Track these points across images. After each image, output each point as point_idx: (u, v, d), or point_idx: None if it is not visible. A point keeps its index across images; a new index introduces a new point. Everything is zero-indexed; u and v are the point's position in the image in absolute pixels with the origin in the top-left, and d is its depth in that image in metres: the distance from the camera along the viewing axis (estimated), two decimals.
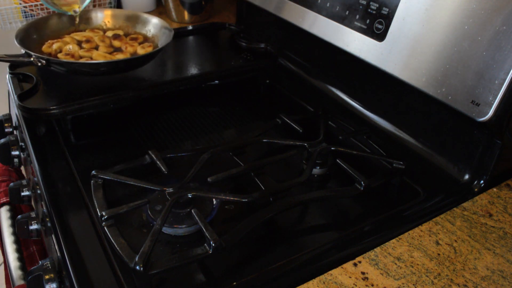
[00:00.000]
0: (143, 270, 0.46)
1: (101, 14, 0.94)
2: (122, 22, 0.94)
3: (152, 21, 0.92)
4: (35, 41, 0.85)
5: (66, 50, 0.82)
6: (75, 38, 0.86)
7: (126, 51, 0.83)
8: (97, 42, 0.85)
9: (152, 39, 0.89)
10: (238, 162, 0.67)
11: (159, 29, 0.90)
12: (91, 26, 0.94)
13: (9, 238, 0.70)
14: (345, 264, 0.50)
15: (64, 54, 0.80)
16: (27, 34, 0.84)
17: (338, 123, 0.77)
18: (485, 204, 0.60)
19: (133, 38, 0.88)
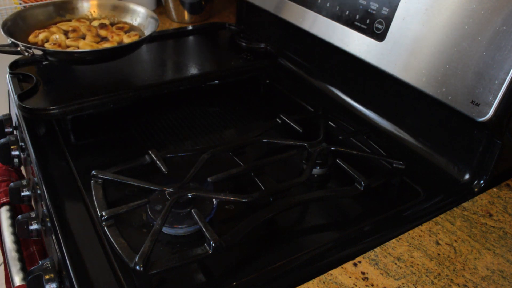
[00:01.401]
0: (143, 270, 0.46)
1: (87, 3, 0.94)
2: (108, 12, 0.94)
3: (138, 10, 0.92)
4: (22, 31, 0.85)
5: (53, 40, 0.82)
6: (62, 28, 0.86)
7: (113, 40, 0.83)
8: (84, 32, 0.85)
9: (138, 28, 0.90)
10: (238, 162, 0.67)
11: (145, 18, 0.91)
12: (77, 16, 0.94)
13: (9, 238, 0.70)
14: (345, 264, 0.50)
15: (51, 43, 0.80)
16: (13, 24, 0.84)
17: (338, 123, 0.77)
18: (485, 204, 0.60)
19: (119, 28, 0.88)
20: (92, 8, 0.94)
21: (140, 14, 0.92)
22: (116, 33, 0.85)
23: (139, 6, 0.92)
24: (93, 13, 0.94)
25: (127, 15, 0.93)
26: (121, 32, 0.86)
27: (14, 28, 0.83)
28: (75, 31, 0.85)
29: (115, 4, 0.95)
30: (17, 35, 0.81)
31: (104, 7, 0.95)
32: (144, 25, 0.90)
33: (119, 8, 0.94)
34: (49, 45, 0.80)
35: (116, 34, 0.85)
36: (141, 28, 0.90)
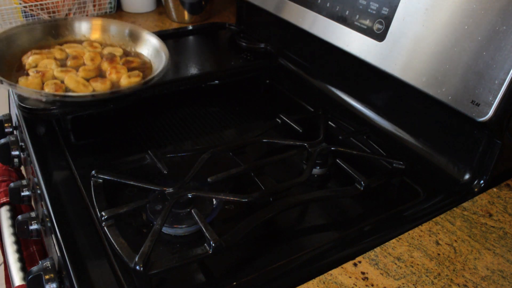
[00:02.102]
0: (143, 270, 0.46)
1: (100, 25, 0.85)
2: (125, 38, 0.84)
3: (149, 41, 0.81)
4: (20, 46, 0.77)
5: (42, 66, 0.71)
6: (65, 50, 0.77)
7: (108, 78, 0.71)
8: (86, 61, 0.75)
9: (149, 65, 0.78)
10: (238, 162, 0.67)
11: (155, 52, 0.79)
12: (91, 38, 0.85)
13: (9, 238, 0.70)
14: (345, 264, 0.50)
15: (33, 72, 0.69)
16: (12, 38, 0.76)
17: (338, 123, 0.77)
18: (485, 204, 0.60)
19: (128, 61, 0.77)
20: (107, 32, 0.83)
21: (152, 46, 0.80)
22: (118, 69, 0.72)
23: (152, 36, 0.81)
24: (110, 37, 0.84)
25: (142, 44, 0.81)
26: (123, 69, 0.73)
27: (10, 43, 0.75)
28: (75, 58, 0.75)
29: (132, 30, 0.83)
30: (14, 50, 0.75)
31: (121, 33, 0.83)
32: (155, 62, 0.78)
33: (134, 35, 0.83)
34: (32, 72, 0.68)
35: (116, 70, 0.72)
36: (152, 65, 0.77)
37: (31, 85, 0.65)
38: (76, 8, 1.16)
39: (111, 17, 1.19)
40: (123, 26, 0.83)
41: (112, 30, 0.83)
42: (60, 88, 0.64)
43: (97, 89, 0.64)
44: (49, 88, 0.63)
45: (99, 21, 0.84)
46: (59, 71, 0.70)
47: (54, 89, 0.63)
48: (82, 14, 1.17)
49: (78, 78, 0.68)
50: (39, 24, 0.80)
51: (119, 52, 0.79)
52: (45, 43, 0.79)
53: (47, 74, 0.69)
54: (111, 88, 0.66)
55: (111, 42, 0.81)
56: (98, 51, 0.78)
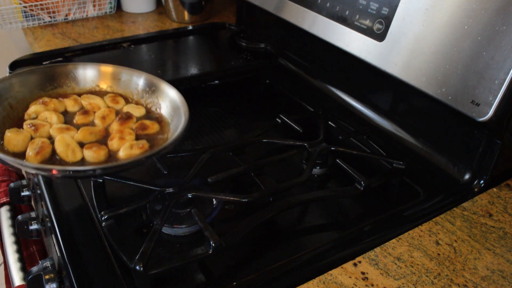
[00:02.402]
0: (143, 270, 0.46)
1: (134, 77, 0.69)
2: (149, 93, 0.68)
3: (168, 95, 0.65)
4: (38, 87, 0.66)
5: (42, 118, 0.61)
6: (80, 101, 0.65)
7: (109, 143, 0.58)
8: (95, 118, 0.62)
9: (166, 125, 0.63)
10: (238, 162, 0.67)
11: (173, 110, 0.64)
12: (121, 90, 0.69)
13: (9, 238, 0.70)
14: (345, 264, 0.50)
15: (28, 125, 0.58)
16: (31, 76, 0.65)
17: (338, 123, 0.77)
18: (485, 204, 0.60)
19: (143, 126, 0.61)
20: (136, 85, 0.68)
21: (171, 101, 0.65)
22: (124, 134, 0.59)
23: (171, 89, 0.65)
24: (138, 92, 0.68)
25: (162, 96, 0.67)
26: (129, 136, 0.59)
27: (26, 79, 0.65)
28: (86, 114, 0.62)
29: (150, 81, 0.68)
30: (31, 88, 0.65)
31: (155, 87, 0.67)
32: (173, 121, 0.63)
33: (152, 85, 0.68)
34: (26, 125, 0.58)
35: (121, 136, 0.58)
36: (169, 124, 0.63)
37: (14, 140, 0.55)
38: (76, 8, 1.16)
39: (111, 17, 1.19)
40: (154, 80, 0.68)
41: (135, 81, 0.69)
42: (43, 150, 0.54)
43: (87, 159, 0.54)
44: (32, 148, 0.54)
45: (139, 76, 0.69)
46: (55, 128, 0.58)
47: (37, 150, 0.53)
48: (82, 14, 1.17)
49: (70, 141, 0.56)
50: (60, 66, 0.69)
51: (141, 112, 0.65)
52: (63, 90, 0.68)
53: (41, 129, 0.58)
54: (106, 158, 0.55)
55: (137, 99, 0.68)
56: (117, 108, 0.65)
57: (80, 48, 0.94)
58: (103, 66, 0.69)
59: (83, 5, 1.16)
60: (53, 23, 1.13)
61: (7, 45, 1.37)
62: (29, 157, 0.54)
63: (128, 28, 1.13)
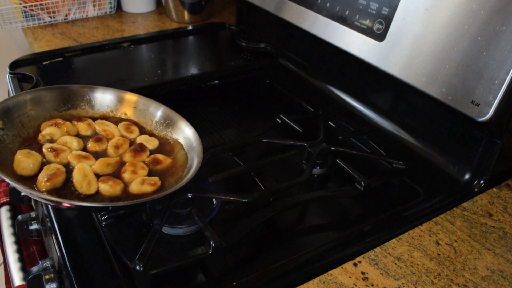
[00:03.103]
0: (143, 270, 0.46)
1: (152, 108, 0.68)
2: (163, 123, 0.67)
3: (184, 132, 0.64)
4: (52, 106, 0.64)
5: (61, 142, 0.59)
6: (96, 127, 0.63)
7: (122, 176, 0.56)
8: (108, 147, 0.60)
9: (177, 168, 0.59)
10: (238, 162, 0.67)
11: (186, 148, 0.62)
12: (135, 118, 0.67)
13: (9, 238, 0.70)
14: (345, 264, 0.50)
15: (48, 149, 0.56)
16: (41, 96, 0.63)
17: (338, 123, 0.77)
18: (485, 204, 0.60)
19: (155, 161, 0.59)
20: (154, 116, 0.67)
21: (183, 137, 0.63)
22: (137, 169, 0.57)
23: (188, 126, 0.63)
24: (153, 122, 0.67)
25: (177, 131, 0.65)
26: (142, 171, 0.57)
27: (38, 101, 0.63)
28: (99, 141, 0.60)
29: (167, 114, 0.66)
30: (46, 108, 0.63)
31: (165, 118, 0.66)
32: (187, 159, 0.60)
33: (168, 119, 0.66)
34: (46, 149, 0.56)
35: (133, 170, 0.56)
36: (184, 164, 0.60)
37: (23, 163, 0.53)
38: (76, 8, 1.16)
39: (111, 17, 1.19)
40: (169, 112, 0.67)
41: (152, 111, 0.67)
42: (55, 177, 0.52)
43: (102, 192, 0.53)
44: (45, 173, 0.52)
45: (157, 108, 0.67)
46: (74, 155, 0.57)
47: (49, 176, 0.52)
48: (82, 14, 1.17)
49: (89, 171, 0.54)
50: (77, 87, 0.67)
51: (154, 145, 0.63)
52: (77, 112, 0.66)
53: (61, 155, 0.56)
54: (121, 193, 0.53)
55: (151, 129, 0.66)
56: (131, 137, 0.63)
57: (80, 48, 0.94)
58: (122, 92, 0.68)
59: (83, 5, 1.16)
60: (53, 23, 1.13)
61: (7, 45, 1.37)
62: (39, 182, 0.52)
63: (128, 28, 1.13)
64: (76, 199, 0.52)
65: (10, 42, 1.37)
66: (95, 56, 0.93)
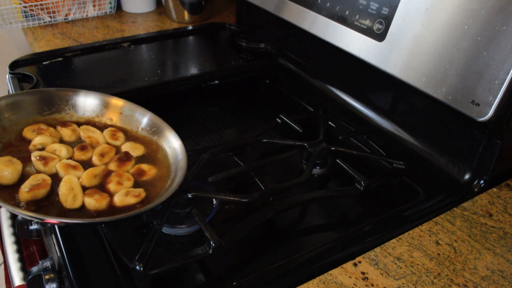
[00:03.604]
0: (143, 270, 0.46)
1: (137, 114, 0.66)
2: (154, 132, 0.65)
3: (170, 142, 0.63)
4: (35, 110, 0.62)
5: (48, 150, 0.57)
6: (81, 133, 0.62)
7: (108, 187, 0.55)
8: (94, 155, 0.59)
9: (162, 178, 0.58)
10: (238, 162, 0.67)
11: (171, 158, 0.61)
12: (121, 123, 0.66)
13: (9, 238, 0.70)
14: (345, 264, 0.50)
15: (36, 156, 0.55)
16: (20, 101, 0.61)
17: (338, 123, 0.77)
18: (485, 204, 0.60)
19: (140, 172, 0.58)
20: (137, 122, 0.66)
21: (169, 147, 0.62)
22: (122, 179, 0.56)
23: (175, 137, 0.62)
24: (138, 128, 0.66)
25: (162, 140, 0.64)
26: (127, 182, 0.56)
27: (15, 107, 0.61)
28: (84, 150, 0.59)
29: (154, 122, 0.65)
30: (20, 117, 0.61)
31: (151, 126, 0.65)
32: (171, 170, 0.59)
33: (154, 126, 0.65)
34: (35, 157, 0.55)
35: (119, 181, 0.55)
36: (168, 174, 0.59)
37: (2, 171, 0.51)
38: (76, 8, 1.16)
39: (111, 17, 1.19)
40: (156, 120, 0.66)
41: (138, 118, 0.66)
42: (39, 188, 0.51)
43: (88, 207, 0.51)
44: (29, 183, 0.51)
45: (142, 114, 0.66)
46: (62, 164, 0.55)
47: (32, 186, 0.51)
48: (82, 14, 1.17)
49: (76, 184, 0.53)
50: (61, 91, 0.66)
51: (140, 152, 0.62)
52: (61, 116, 0.65)
53: (50, 163, 0.55)
54: (106, 208, 0.52)
55: (138, 134, 0.65)
56: (117, 144, 0.62)
57: (80, 48, 0.94)
58: (107, 97, 0.67)
59: (83, 5, 1.16)
60: (53, 23, 1.13)
61: (7, 45, 1.37)
62: (21, 191, 0.50)
63: (128, 28, 1.13)
64: (57, 213, 0.50)
65: (10, 42, 1.37)
66: (95, 56, 0.93)
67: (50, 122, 0.63)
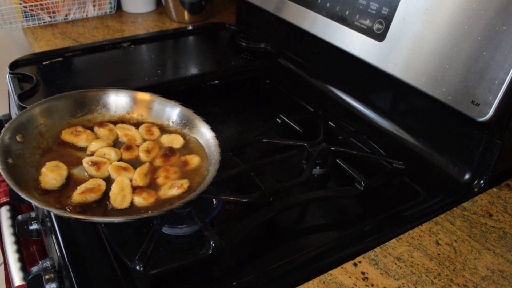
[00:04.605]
0: (143, 270, 0.46)
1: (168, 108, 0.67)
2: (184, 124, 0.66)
3: (202, 133, 0.63)
4: (68, 113, 0.63)
5: (98, 155, 0.58)
6: (118, 132, 0.63)
7: (158, 183, 0.56)
8: (140, 152, 0.60)
9: (202, 166, 0.59)
10: (238, 162, 0.67)
11: (207, 147, 0.62)
12: (152, 119, 0.67)
13: (9, 238, 0.70)
14: (345, 264, 0.50)
15: (88, 162, 0.56)
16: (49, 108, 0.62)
17: (338, 123, 0.77)
18: (485, 204, 0.60)
19: (184, 163, 0.59)
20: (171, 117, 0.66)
21: (200, 138, 0.63)
22: (169, 173, 0.57)
23: (207, 128, 0.63)
24: (166, 125, 0.66)
25: (194, 131, 0.65)
26: (174, 175, 0.57)
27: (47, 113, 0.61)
28: (129, 149, 0.60)
29: (184, 114, 0.66)
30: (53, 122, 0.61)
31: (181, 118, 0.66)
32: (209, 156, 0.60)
33: (184, 118, 0.66)
34: (86, 163, 0.56)
35: (166, 175, 0.56)
36: (207, 161, 0.60)
37: (46, 177, 0.53)
38: (76, 8, 1.16)
39: (111, 17, 1.19)
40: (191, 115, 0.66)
41: (168, 111, 0.67)
42: (93, 191, 0.52)
43: (136, 204, 0.52)
44: (83, 187, 0.52)
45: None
46: (114, 167, 0.56)
47: (86, 190, 0.52)
48: (82, 14, 1.17)
49: (126, 185, 0.54)
50: (91, 91, 0.66)
51: (179, 143, 0.62)
52: (93, 117, 0.65)
53: (103, 168, 0.56)
54: (154, 202, 0.53)
55: (169, 127, 0.66)
56: (153, 139, 0.63)
57: (80, 48, 0.94)
58: (135, 93, 0.67)
59: (83, 5, 1.16)
60: (53, 23, 1.13)
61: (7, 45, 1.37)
62: (75, 194, 0.51)
63: (128, 28, 1.13)
64: (103, 214, 0.51)
65: (10, 42, 1.37)
66: (95, 56, 0.93)
67: (85, 124, 0.64)
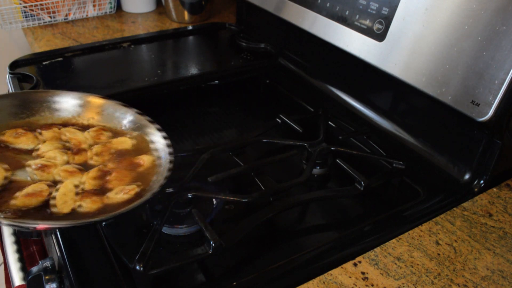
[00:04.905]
0: (143, 270, 0.46)
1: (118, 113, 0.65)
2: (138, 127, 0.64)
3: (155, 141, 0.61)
4: (9, 114, 0.60)
5: (47, 158, 0.55)
6: (66, 135, 0.60)
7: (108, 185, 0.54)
8: (89, 156, 0.57)
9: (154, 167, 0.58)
10: (238, 162, 0.67)
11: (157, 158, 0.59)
12: (102, 122, 0.64)
13: (9, 238, 0.70)
14: (345, 264, 0.50)
15: (34, 165, 0.53)
16: None
17: (338, 123, 0.77)
18: (485, 204, 0.60)
19: (136, 164, 0.57)
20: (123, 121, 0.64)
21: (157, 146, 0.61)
22: (122, 176, 0.55)
23: (160, 135, 0.61)
24: (124, 128, 0.63)
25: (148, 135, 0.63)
26: (126, 178, 0.55)
27: None
28: (79, 153, 0.57)
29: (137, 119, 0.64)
30: None
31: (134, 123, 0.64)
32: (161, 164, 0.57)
33: (137, 122, 0.63)
34: (30, 166, 0.53)
35: (120, 177, 0.55)
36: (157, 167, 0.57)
37: None
38: (76, 8, 1.16)
39: (111, 17, 1.19)
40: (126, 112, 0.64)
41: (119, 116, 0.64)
42: (36, 196, 0.49)
43: (83, 209, 0.50)
44: (25, 191, 0.49)
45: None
46: (62, 170, 0.53)
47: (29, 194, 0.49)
48: (82, 14, 1.17)
49: (70, 190, 0.51)
50: (35, 93, 0.63)
51: (129, 144, 0.60)
52: (35, 119, 0.61)
53: (50, 171, 0.53)
54: (99, 208, 0.50)
55: (121, 130, 0.63)
56: (104, 142, 0.60)
57: (80, 48, 0.94)
58: (84, 96, 0.64)
59: (83, 5, 1.16)
60: (53, 23, 1.13)
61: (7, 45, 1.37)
62: (14, 198, 0.48)
63: (128, 28, 1.13)
64: (41, 219, 0.48)
65: (10, 42, 1.37)
66: (95, 56, 0.93)
67: (26, 126, 0.60)
